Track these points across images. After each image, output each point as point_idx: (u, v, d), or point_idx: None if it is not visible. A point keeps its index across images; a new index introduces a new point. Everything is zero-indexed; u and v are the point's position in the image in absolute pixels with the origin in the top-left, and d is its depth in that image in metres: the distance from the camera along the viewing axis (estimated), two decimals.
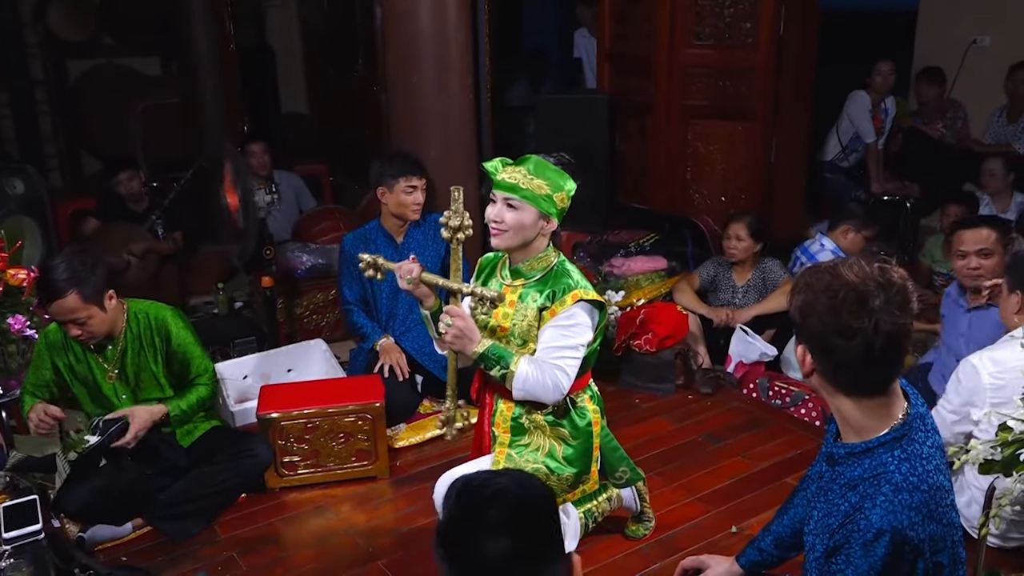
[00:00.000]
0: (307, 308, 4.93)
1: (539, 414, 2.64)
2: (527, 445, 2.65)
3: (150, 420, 3.11)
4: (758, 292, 4.51)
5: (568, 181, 2.54)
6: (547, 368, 2.48)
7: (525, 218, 2.49)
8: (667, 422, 3.92)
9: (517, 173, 2.50)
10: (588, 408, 2.68)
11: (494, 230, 2.52)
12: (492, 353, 2.48)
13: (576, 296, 2.50)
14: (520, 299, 2.57)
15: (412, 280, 2.51)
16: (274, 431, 3.38)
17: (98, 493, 3.02)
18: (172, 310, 3.26)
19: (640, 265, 4.95)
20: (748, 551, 2.20)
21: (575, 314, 2.50)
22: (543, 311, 2.53)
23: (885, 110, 6.15)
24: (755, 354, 4.26)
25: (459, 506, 1.36)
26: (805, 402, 3.95)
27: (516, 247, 2.55)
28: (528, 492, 1.39)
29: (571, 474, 2.66)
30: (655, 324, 4.14)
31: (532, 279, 2.58)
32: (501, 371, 2.48)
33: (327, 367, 4.20)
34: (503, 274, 2.65)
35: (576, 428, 2.65)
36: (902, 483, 1.62)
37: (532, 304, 2.54)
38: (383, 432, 3.49)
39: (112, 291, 3.08)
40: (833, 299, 1.61)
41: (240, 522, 3.25)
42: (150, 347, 3.20)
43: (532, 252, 2.57)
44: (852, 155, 6.21)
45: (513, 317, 2.57)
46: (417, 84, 4.38)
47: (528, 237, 2.53)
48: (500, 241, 2.53)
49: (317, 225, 5.42)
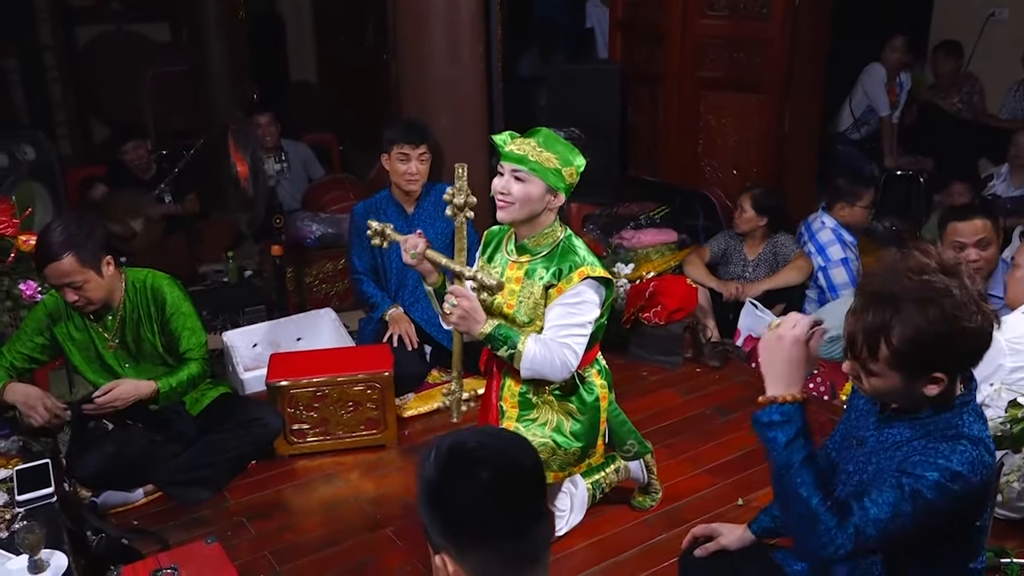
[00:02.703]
0: (316, 277, 4.94)
1: (547, 389, 2.65)
2: (535, 420, 2.66)
3: (134, 393, 3.03)
4: (769, 266, 4.50)
5: (578, 156, 2.52)
6: (554, 347, 2.48)
7: (532, 191, 2.48)
8: (675, 395, 3.93)
9: (526, 145, 2.48)
10: (596, 383, 2.68)
11: (500, 202, 2.50)
12: (499, 334, 2.48)
13: (583, 273, 2.49)
14: (526, 275, 2.56)
15: (416, 255, 2.50)
16: (283, 399, 3.40)
17: (108, 459, 3.04)
18: (169, 278, 3.20)
19: (650, 238, 4.93)
20: (761, 518, 2.22)
21: (582, 291, 2.49)
22: (549, 289, 2.52)
23: (900, 83, 6.10)
24: (764, 328, 4.24)
25: (450, 462, 1.35)
26: (813, 376, 3.95)
27: (522, 221, 2.54)
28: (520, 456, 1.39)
29: (578, 448, 2.67)
30: (664, 297, 4.14)
31: (538, 255, 2.57)
32: (508, 351, 2.49)
33: (336, 336, 4.22)
34: (508, 249, 2.64)
35: (584, 403, 2.66)
36: (979, 440, 1.67)
37: (538, 281, 2.54)
38: (392, 401, 3.50)
39: (110, 257, 3.02)
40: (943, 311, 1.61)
41: (250, 488, 3.28)
42: (147, 317, 3.15)
43: (538, 227, 2.56)
44: (864, 127, 6.17)
45: (519, 294, 2.56)
46: (427, 53, 4.35)
47: (535, 211, 2.51)
48: (505, 214, 2.51)
49: (327, 194, 5.41)
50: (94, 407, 3.01)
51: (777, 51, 5.02)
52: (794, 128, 5.18)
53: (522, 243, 2.59)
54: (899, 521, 1.63)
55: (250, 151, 4.57)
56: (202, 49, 6.44)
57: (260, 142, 5.31)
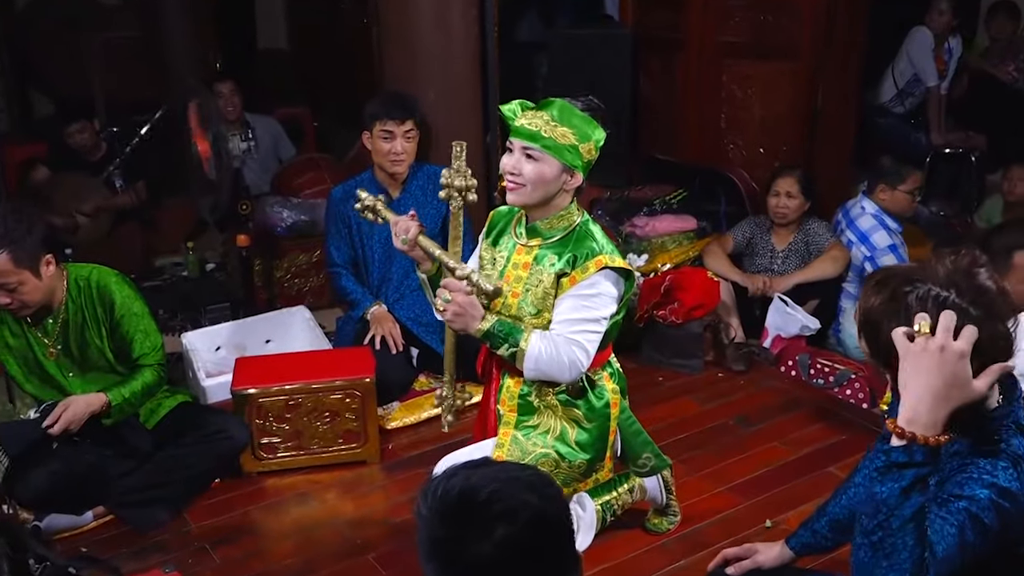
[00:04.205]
0: (288, 271, 4.94)
1: (551, 393, 2.65)
2: (535, 427, 2.66)
3: (86, 411, 3.03)
4: (800, 257, 4.50)
5: (597, 130, 2.51)
6: (563, 343, 2.47)
7: (546, 171, 2.47)
8: (694, 403, 3.93)
9: (539, 119, 2.47)
10: (607, 388, 2.69)
11: (510, 184, 2.50)
12: (499, 330, 2.48)
13: (600, 263, 2.48)
14: (536, 261, 2.56)
15: (408, 241, 2.51)
16: (251, 409, 3.39)
17: (54, 479, 3.04)
18: (117, 275, 3.18)
19: (666, 225, 4.93)
20: (800, 532, 2.23)
21: (598, 283, 2.49)
22: (562, 278, 2.51)
23: (949, 49, 6.09)
24: (795, 327, 4.26)
25: (459, 516, 1.31)
26: (851, 382, 3.96)
27: (535, 204, 2.53)
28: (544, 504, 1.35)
29: (583, 461, 2.67)
30: (682, 292, 4.14)
31: (551, 239, 2.56)
32: (510, 349, 2.48)
33: (311, 337, 4.22)
34: (518, 231, 2.64)
35: (592, 410, 2.66)
36: (1021, 457, 1.66)
37: (549, 268, 2.53)
38: (373, 411, 3.50)
39: (50, 256, 3.00)
40: None
41: (213, 510, 3.27)
42: (93, 319, 3.14)
43: (552, 210, 2.55)
44: (908, 99, 6.17)
45: (526, 281, 2.56)
46: (413, 15, 4.35)
47: (549, 192, 2.50)
48: (517, 197, 2.50)
49: (300, 176, 5.41)
50: (54, 431, 3.00)
51: (810, 13, 5.03)
52: (829, 101, 5.18)
53: (533, 225, 2.59)
54: (969, 551, 1.61)
55: (212, 127, 4.57)
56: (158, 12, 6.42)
57: (222, 115, 5.31)
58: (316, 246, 4.84)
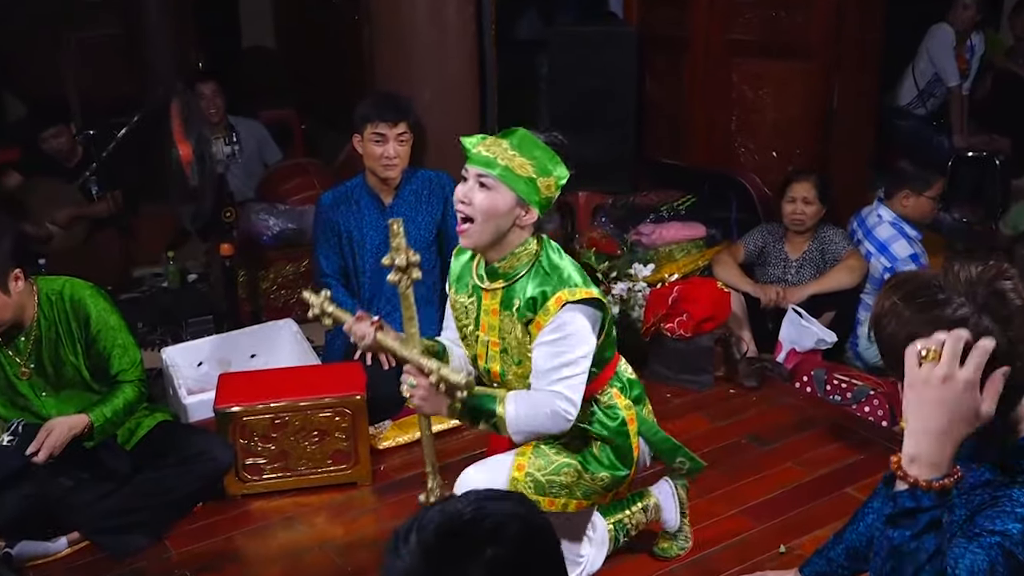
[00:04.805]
0: (274, 282, 4.94)
1: None
2: (558, 439, 2.63)
3: (69, 435, 3.03)
4: (815, 267, 4.50)
5: (559, 167, 2.47)
6: (541, 398, 2.45)
7: (499, 202, 2.43)
8: (704, 421, 3.93)
9: (497, 147, 2.44)
10: (619, 405, 2.67)
11: (460, 216, 2.47)
12: (472, 406, 2.46)
13: (560, 300, 2.44)
14: (503, 307, 2.53)
15: (366, 347, 2.56)
16: (235, 428, 3.39)
17: (25, 502, 3.03)
18: (92, 288, 3.19)
19: (673, 233, 4.93)
20: (815, 560, 2.23)
21: (564, 323, 2.44)
22: (528, 325, 2.49)
23: (971, 47, 6.11)
24: (810, 340, 4.26)
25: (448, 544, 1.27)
26: (870, 398, 3.95)
27: (486, 243, 2.49)
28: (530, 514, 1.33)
29: (608, 476, 2.65)
30: (691, 304, 4.14)
31: (513, 279, 2.52)
32: (489, 423, 2.47)
33: (298, 352, 4.21)
34: (478, 274, 2.60)
35: (608, 430, 2.64)
36: None
37: (516, 315, 2.50)
38: (365, 430, 3.50)
39: (19, 271, 2.99)
40: None
41: (195, 536, 3.27)
42: (67, 335, 3.14)
43: (507, 248, 2.51)
44: (930, 100, 6.18)
45: (500, 329, 2.54)
46: (407, 11, 4.36)
47: (501, 228, 2.46)
48: (467, 239, 2.48)
49: (287, 182, 5.42)
50: (39, 459, 2.98)
51: (824, 9, 5.04)
52: (845, 102, 5.19)
53: (492, 267, 2.55)
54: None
55: (194, 130, 4.57)
56: (137, 8, 6.44)
57: (204, 118, 5.31)
58: (304, 256, 4.84)
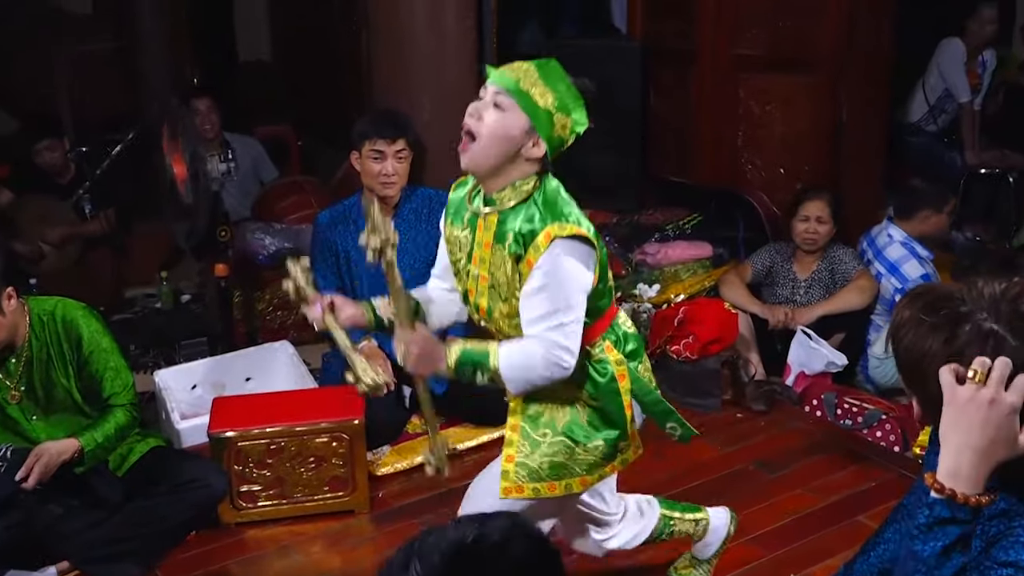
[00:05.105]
0: (270, 303, 4.94)
1: None
2: (542, 412, 2.58)
3: (59, 460, 3.02)
4: (824, 287, 4.50)
5: (580, 111, 2.42)
6: (533, 348, 2.36)
7: (509, 125, 2.37)
8: (712, 446, 3.91)
9: (520, 71, 2.39)
10: (609, 359, 2.56)
11: (465, 131, 2.41)
12: (466, 360, 2.39)
13: (549, 235, 2.36)
14: (496, 240, 2.46)
15: (320, 329, 2.56)
16: (229, 454, 3.38)
17: (13, 531, 3.02)
18: (84, 308, 3.20)
19: (679, 252, 4.93)
20: None
21: (555, 261, 2.36)
22: (519, 263, 2.41)
23: (983, 63, 6.12)
24: (820, 363, 4.25)
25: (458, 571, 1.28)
26: (882, 423, 3.94)
27: (487, 169, 2.43)
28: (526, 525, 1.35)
29: (602, 442, 2.56)
30: (697, 325, 4.13)
31: (507, 208, 2.45)
32: (485, 376, 2.39)
33: (294, 375, 4.21)
34: (474, 203, 2.54)
35: (596, 387, 2.55)
36: None
37: (507, 250, 2.42)
38: (362, 456, 3.49)
39: (11, 289, 2.99)
40: None
41: (188, 565, 3.25)
42: (59, 357, 3.13)
43: (507, 179, 2.44)
44: (941, 116, 6.20)
45: (490, 263, 2.47)
46: (406, 24, 4.37)
47: (506, 154, 2.39)
48: (468, 159, 2.41)
49: (283, 200, 5.42)
50: (29, 485, 2.97)
51: (832, 22, 5.06)
52: (854, 117, 5.20)
53: (489, 198, 2.49)
54: None
55: (189, 147, 4.58)
56: (132, 23, 6.47)
57: (199, 134, 5.32)
58: None
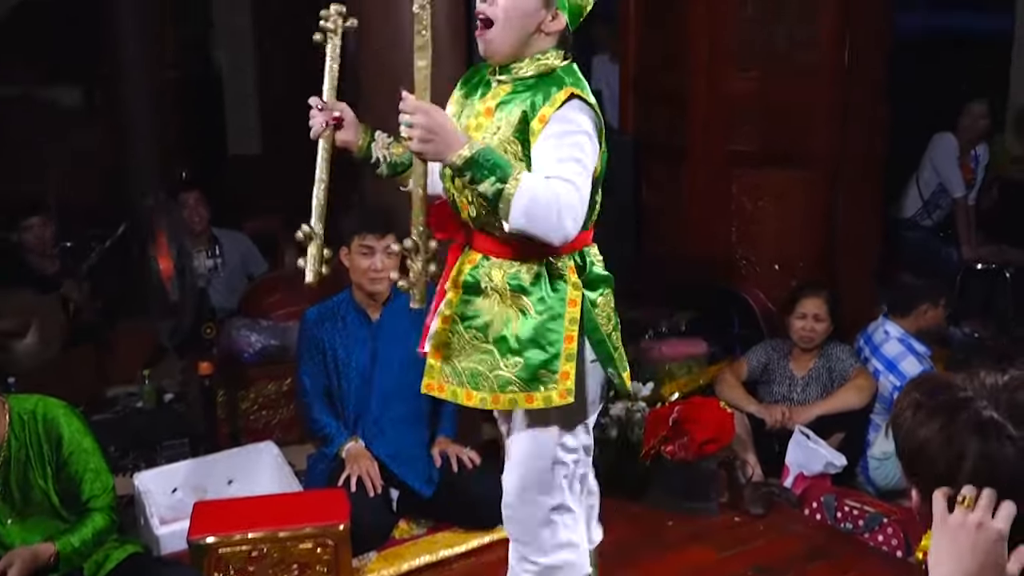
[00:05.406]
0: (255, 402, 4.92)
1: (500, 273, 2.50)
2: (477, 314, 2.52)
3: (33, 565, 2.99)
4: (822, 385, 4.51)
5: None
6: (556, 185, 2.25)
7: (524, 1, 2.39)
8: (709, 551, 3.88)
9: None
10: (568, 280, 2.50)
11: (480, 19, 2.41)
12: (485, 158, 2.24)
13: (569, 92, 2.37)
14: (499, 107, 2.45)
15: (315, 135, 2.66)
16: (210, 561, 3.34)
17: None
18: (66, 407, 3.20)
19: (674, 349, 4.95)
20: None
21: (573, 115, 2.35)
22: (530, 121, 2.37)
23: (976, 157, 6.23)
24: (819, 464, 4.23)
25: None
26: (883, 526, 3.91)
27: (508, 53, 2.43)
28: None
29: (522, 360, 2.46)
30: (693, 425, 4.12)
31: (522, 80, 2.45)
32: (496, 186, 2.24)
33: (279, 477, 4.18)
34: (486, 79, 2.54)
35: (542, 301, 2.48)
36: None
37: (514, 111, 2.40)
38: (348, 562, 3.45)
39: None
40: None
41: None
42: (38, 457, 3.12)
43: (527, 53, 2.45)
44: (936, 211, 6.28)
45: (486, 129, 2.44)
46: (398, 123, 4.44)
47: (526, 30, 2.40)
48: (487, 44, 2.42)
49: (270, 296, 5.44)
50: None
51: (825, 118, 5.16)
52: (849, 212, 5.28)
53: (507, 67, 2.47)
54: None
55: (176, 243, 4.61)
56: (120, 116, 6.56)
57: (188, 228, 5.37)
58: (287, 374, 4.83)
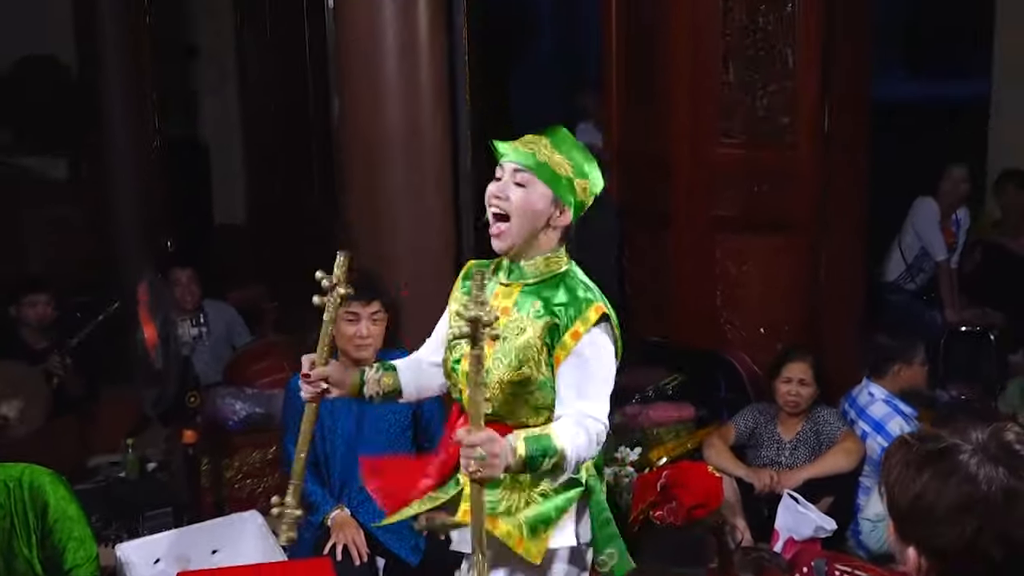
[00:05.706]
0: (239, 470, 4.89)
1: None
2: (499, 501, 2.54)
3: None
4: (810, 449, 4.50)
5: (595, 170, 2.55)
6: (584, 422, 2.40)
7: (536, 199, 2.47)
8: None
9: (533, 144, 2.51)
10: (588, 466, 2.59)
11: (494, 214, 2.49)
12: (533, 449, 2.31)
13: (600, 311, 2.47)
14: (516, 307, 2.52)
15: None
16: None
17: None
18: (52, 475, 3.18)
19: (661, 414, 4.94)
20: None
21: (603, 338, 2.48)
22: (563, 333, 2.46)
23: (956, 221, 6.29)
24: (809, 528, 4.21)
25: None
26: None
27: (521, 245, 2.51)
28: None
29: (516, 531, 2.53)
30: (681, 490, 4.10)
31: (533, 282, 2.54)
32: (551, 461, 2.33)
33: (263, 547, 4.12)
34: (498, 275, 2.61)
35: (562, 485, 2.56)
36: None
37: (534, 316, 2.49)
38: None
39: None
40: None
41: None
42: (23, 526, 3.10)
43: (538, 251, 2.53)
44: (919, 275, 6.32)
45: (505, 329, 2.47)
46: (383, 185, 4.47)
47: (536, 226, 2.49)
48: (502, 242, 2.50)
49: (255, 364, 5.43)
50: None
51: (806, 183, 5.21)
52: (832, 276, 5.30)
53: (517, 265, 2.56)
54: None
55: (161, 313, 4.61)
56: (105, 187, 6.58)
57: (178, 303, 5.37)
58: (271, 442, 4.81)
